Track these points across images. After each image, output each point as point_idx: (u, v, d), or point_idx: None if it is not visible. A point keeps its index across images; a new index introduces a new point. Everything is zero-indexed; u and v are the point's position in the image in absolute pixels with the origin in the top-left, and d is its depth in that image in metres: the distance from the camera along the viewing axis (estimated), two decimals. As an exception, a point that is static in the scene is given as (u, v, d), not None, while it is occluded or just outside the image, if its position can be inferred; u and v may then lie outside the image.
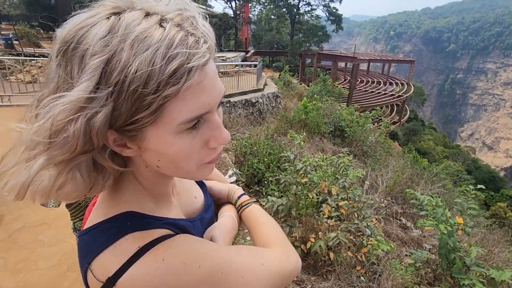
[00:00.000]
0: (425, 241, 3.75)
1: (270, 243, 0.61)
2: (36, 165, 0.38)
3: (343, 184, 3.05)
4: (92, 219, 0.49)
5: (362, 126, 7.84)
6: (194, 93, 0.39)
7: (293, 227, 2.71)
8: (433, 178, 5.76)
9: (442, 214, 2.46)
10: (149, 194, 0.51)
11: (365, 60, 28.70)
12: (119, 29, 0.36)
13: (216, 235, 0.61)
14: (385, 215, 4.09)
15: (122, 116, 0.37)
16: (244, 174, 4.15)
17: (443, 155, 28.89)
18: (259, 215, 0.69)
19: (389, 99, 25.12)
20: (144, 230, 0.45)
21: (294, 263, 0.59)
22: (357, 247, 2.82)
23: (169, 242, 0.45)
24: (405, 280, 2.61)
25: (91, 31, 0.36)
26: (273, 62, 34.63)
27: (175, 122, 0.39)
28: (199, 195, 0.67)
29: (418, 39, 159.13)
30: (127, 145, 0.42)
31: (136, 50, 0.35)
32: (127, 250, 0.43)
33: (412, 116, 34.34)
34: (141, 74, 0.35)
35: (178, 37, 0.37)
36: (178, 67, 0.36)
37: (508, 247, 3.80)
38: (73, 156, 0.38)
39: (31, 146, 0.38)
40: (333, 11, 32.18)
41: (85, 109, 0.35)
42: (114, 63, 0.35)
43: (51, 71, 0.39)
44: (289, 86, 14.97)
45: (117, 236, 0.44)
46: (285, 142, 5.46)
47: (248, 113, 8.91)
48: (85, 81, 0.35)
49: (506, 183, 32.65)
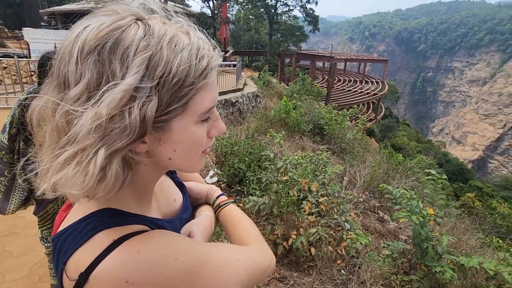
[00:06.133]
0: (401, 233, 3.91)
1: (246, 241, 0.63)
2: (100, 157, 0.38)
3: (323, 180, 3.12)
4: (68, 219, 0.48)
5: (340, 124, 8.05)
6: (211, 87, 0.47)
7: (275, 225, 2.74)
8: (408, 172, 6.03)
9: (416, 206, 2.59)
10: (133, 194, 0.51)
11: (342, 60, 29.48)
12: (153, 32, 0.42)
13: (194, 231, 0.62)
14: (363, 209, 4.23)
15: (162, 107, 0.41)
16: (225, 174, 4.13)
17: (416, 150, 30.27)
18: (236, 214, 0.71)
19: (365, 97, 25.99)
20: (122, 225, 0.45)
21: (269, 260, 0.61)
22: (337, 242, 2.90)
23: (145, 235, 0.45)
24: (383, 271, 2.71)
25: (128, 32, 0.41)
26: (253, 62, 34.73)
27: (198, 112, 0.46)
28: (178, 197, 0.68)
29: (391, 39, 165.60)
30: (144, 140, 0.43)
31: (174, 50, 0.42)
32: (101, 244, 0.42)
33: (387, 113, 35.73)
34: (183, 68, 0.42)
35: (201, 42, 0.46)
36: (207, 65, 0.45)
37: (475, 234, 4.06)
38: (130, 143, 0.40)
39: (82, 136, 0.38)
40: (310, 12, 32.76)
41: (136, 98, 0.39)
42: (157, 59, 0.40)
43: (69, 72, 0.40)
44: (268, 85, 15.07)
45: (92, 232, 0.44)
46: (265, 141, 5.49)
47: (228, 113, 8.87)
48: (133, 74, 0.39)
49: (473, 174, 34.82)
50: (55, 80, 0.42)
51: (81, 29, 0.41)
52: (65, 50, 0.41)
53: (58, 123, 0.40)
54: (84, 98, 0.39)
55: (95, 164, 0.38)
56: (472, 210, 10.10)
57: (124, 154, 0.42)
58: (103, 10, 0.44)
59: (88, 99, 0.39)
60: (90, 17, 0.43)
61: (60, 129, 0.40)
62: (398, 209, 2.71)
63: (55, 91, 0.42)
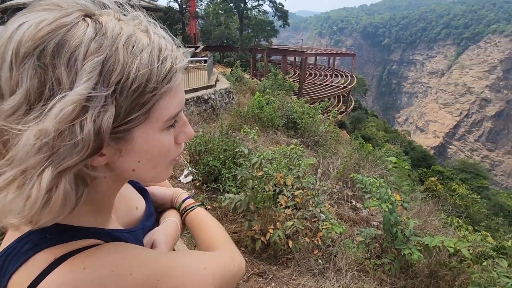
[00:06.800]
0: (372, 219, 4.12)
1: (214, 246, 0.60)
2: (45, 178, 0.33)
3: (297, 174, 3.18)
4: (6, 241, 0.43)
5: (312, 117, 8.23)
6: (176, 91, 0.43)
7: (252, 221, 2.75)
8: (377, 161, 6.33)
9: (385, 193, 2.73)
10: (89, 208, 0.45)
11: (312, 54, 30.10)
12: (106, 31, 0.37)
13: (157, 240, 0.59)
14: (337, 199, 4.38)
15: (120, 116, 0.37)
16: (200, 173, 4.06)
17: (384, 139, 31.90)
18: (203, 218, 0.68)
19: (336, 90, 26.82)
20: (67, 242, 0.40)
21: (238, 265, 0.59)
22: (314, 232, 2.97)
23: (94, 249, 0.40)
24: (357, 257, 2.84)
25: (74, 32, 0.35)
26: (224, 57, 34.30)
27: (163, 119, 0.41)
28: (141, 204, 0.64)
29: (358, 34, 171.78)
30: (102, 152, 0.38)
31: (132, 51, 0.37)
32: (40, 264, 0.37)
33: (357, 106, 37.17)
34: (143, 73, 0.37)
35: (162, 42, 0.41)
36: (171, 68, 0.40)
37: (438, 215, 4.38)
38: (82, 160, 0.35)
39: (26, 157, 0.32)
40: (279, 7, 32.95)
41: (89, 109, 0.34)
42: (112, 63, 0.36)
43: (1, 79, 0.34)
44: (241, 81, 14.99)
45: (31, 252, 0.39)
46: (240, 138, 5.47)
47: (201, 110, 8.71)
48: (84, 81, 0.34)
49: (435, 160, 37.47)
50: None
51: (15, 27, 0.35)
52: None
53: None
54: (22, 111, 0.34)
55: (39, 187, 0.33)
56: (435, 193, 10.88)
57: (78, 170, 0.37)
58: (44, 4, 0.37)
59: (27, 112, 0.34)
60: (28, 12, 0.36)
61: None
62: (369, 197, 2.83)
63: None
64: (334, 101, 26.50)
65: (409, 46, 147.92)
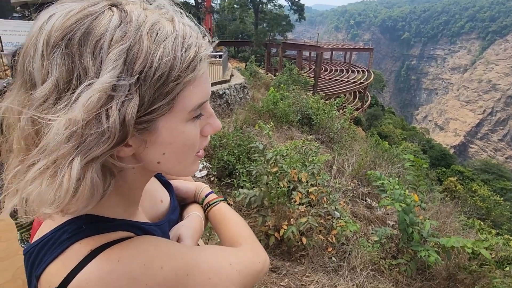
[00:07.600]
0: (388, 218, 4.03)
1: (238, 242, 0.60)
2: (75, 167, 0.34)
3: (312, 170, 3.15)
4: (42, 229, 0.44)
5: (328, 113, 8.11)
6: (201, 81, 0.42)
7: (266, 216, 2.75)
8: (394, 159, 6.18)
9: (400, 194, 2.66)
10: (119, 199, 0.46)
11: (328, 49, 29.52)
12: (131, 19, 0.37)
13: (183, 235, 0.60)
14: (352, 197, 4.31)
15: (144, 106, 0.37)
16: (214, 167, 4.10)
17: (401, 137, 31.05)
18: (226, 213, 0.68)
19: (352, 86, 26.23)
20: (102, 233, 0.41)
21: (262, 261, 0.59)
22: (328, 230, 2.95)
23: (128, 242, 0.41)
24: (372, 256, 2.79)
25: (100, 20, 0.35)
26: (239, 52, 34.26)
27: (187, 109, 0.41)
28: (165, 197, 0.65)
29: (376, 28, 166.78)
30: (128, 142, 0.39)
31: (156, 39, 0.37)
32: (78, 254, 0.38)
33: (373, 102, 36.26)
34: (166, 61, 0.37)
35: (187, 30, 0.40)
36: (195, 56, 0.39)
37: (458, 217, 4.23)
38: (109, 149, 0.36)
39: (56, 146, 0.33)
40: (295, 1, 32.43)
41: (114, 98, 0.34)
42: (136, 51, 0.35)
43: (34, 69, 0.35)
44: (255, 76, 14.95)
45: (68, 242, 0.40)
46: (254, 133, 5.47)
47: (216, 105, 8.76)
48: (110, 70, 0.34)
49: (455, 159, 36.18)
50: (20, 78, 0.37)
51: (46, 19, 0.36)
52: (29, 44, 0.36)
53: (25, 132, 0.36)
54: (52, 99, 0.35)
55: (69, 176, 0.34)
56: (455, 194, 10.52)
57: (105, 161, 0.37)
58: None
59: (56, 101, 0.34)
60: (58, 5, 0.37)
61: (27, 139, 0.36)
62: (385, 196, 2.77)
63: (20, 92, 0.37)
64: (350, 97, 25.97)
65: (430, 40, 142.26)
